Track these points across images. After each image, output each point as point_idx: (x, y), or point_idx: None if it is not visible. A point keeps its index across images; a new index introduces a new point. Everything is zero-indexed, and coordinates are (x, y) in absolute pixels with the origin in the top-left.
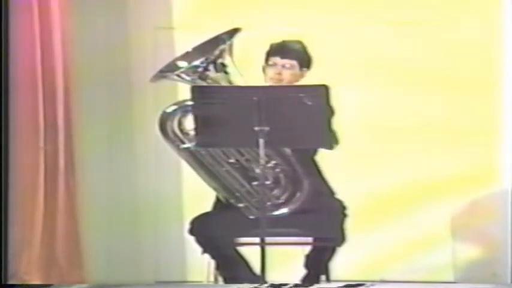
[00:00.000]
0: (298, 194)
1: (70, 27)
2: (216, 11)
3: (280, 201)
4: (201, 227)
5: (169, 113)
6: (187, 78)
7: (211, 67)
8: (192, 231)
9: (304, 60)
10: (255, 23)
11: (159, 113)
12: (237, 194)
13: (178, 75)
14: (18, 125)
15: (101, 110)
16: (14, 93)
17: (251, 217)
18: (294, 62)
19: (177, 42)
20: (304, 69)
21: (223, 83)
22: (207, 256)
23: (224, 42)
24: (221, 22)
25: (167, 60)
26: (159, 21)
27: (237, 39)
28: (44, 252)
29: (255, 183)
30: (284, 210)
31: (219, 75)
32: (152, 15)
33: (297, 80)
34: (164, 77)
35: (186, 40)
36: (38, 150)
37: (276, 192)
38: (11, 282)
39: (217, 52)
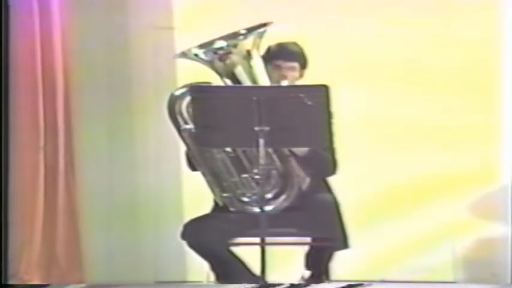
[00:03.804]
0: (287, 192)
1: (70, 27)
2: (216, 11)
3: (269, 196)
4: (193, 231)
5: (178, 96)
6: (206, 58)
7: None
8: (184, 236)
9: (304, 62)
10: (255, 23)
11: (159, 112)
12: (224, 184)
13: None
14: (18, 125)
15: (101, 110)
16: (14, 93)
17: (232, 209)
18: (296, 64)
19: (177, 42)
20: (303, 70)
21: (242, 71)
22: None
23: (254, 34)
24: (221, 22)
25: (167, 60)
26: (159, 21)
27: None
28: (44, 252)
29: (244, 175)
30: (271, 207)
31: (241, 61)
32: (152, 15)
33: (297, 81)
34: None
35: (186, 40)
36: (38, 150)
37: (266, 188)
38: (11, 282)
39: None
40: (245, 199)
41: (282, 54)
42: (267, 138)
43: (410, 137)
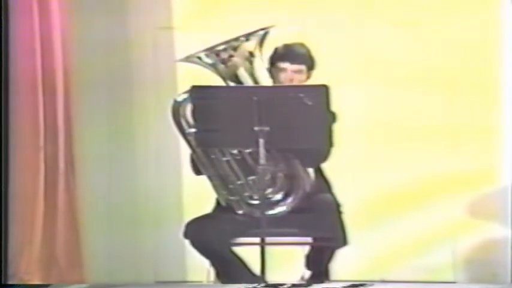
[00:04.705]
0: (294, 193)
1: (70, 27)
2: (216, 11)
3: (277, 198)
4: (196, 230)
5: (182, 101)
6: (209, 61)
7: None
8: (186, 235)
9: (311, 63)
10: (255, 23)
11: (160, 112)
12: (231, 186)
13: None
14: (18, 125)
15: (101, 110)
16: (14, 93)
17: (239, 212)
18: (303, 67)
19: (177, 42)
20: (310, 72)
21: (245, 72)
22: None
23: (256, 36)
24: (221, 22)
25: (167, 60)
26: (159, 21)
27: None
28: (44, 252)
29: (250, 178)
30: (280, 209)
31: (243, 63)
32: (152, 15)
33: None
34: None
35: (186, 40)
36: (38, 150)
37: (271, 190)
38: (11, 282)
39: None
40: (252, 202)
41: (289, 57)
42: (267, 138)
43: (411, 137)
